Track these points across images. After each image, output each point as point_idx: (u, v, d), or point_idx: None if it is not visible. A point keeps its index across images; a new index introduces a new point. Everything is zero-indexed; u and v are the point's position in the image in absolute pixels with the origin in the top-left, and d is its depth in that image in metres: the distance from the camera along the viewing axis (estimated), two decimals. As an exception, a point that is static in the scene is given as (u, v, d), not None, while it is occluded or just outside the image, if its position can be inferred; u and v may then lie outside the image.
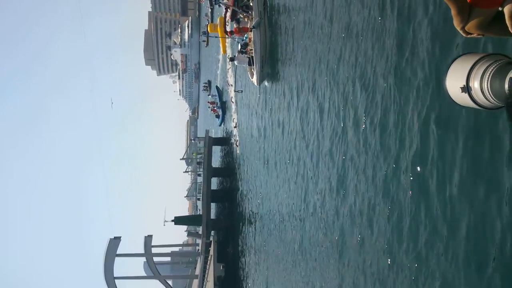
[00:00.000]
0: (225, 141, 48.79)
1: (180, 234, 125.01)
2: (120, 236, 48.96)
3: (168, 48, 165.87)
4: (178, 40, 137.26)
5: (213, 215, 48.84)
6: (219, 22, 28.84)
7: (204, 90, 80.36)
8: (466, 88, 1.85)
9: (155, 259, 53.03)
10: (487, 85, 1.78)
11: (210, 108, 56.25)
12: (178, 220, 48.38)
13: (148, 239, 50.50)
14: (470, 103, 1.89)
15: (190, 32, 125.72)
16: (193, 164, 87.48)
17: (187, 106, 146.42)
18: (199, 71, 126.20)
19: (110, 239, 48.58)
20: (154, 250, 52.56)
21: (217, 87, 54.25)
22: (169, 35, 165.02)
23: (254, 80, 24.12)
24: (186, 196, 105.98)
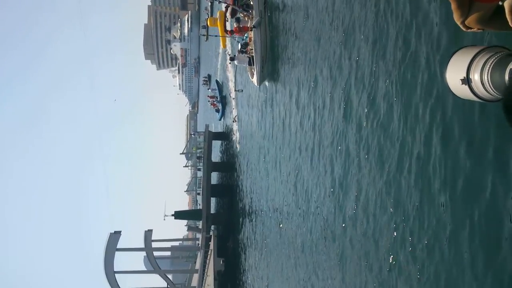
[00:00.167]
0: (225, 135, 48.71)
1: (180, 228, 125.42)
2: (120, 231, 49.16)
3: (168, 42, 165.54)
4: (177, 34, 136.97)
5: (213, 210, 48.92)
6: (219, 16, 28.63)
7: (204, 84, 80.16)
8: (466, 80, 1.85)
9: (155, 253, 53.28)
10: (487, 77, 1.77)
11: (210, 102, 56.09)
12: (178, 215, 48.57)
13: (148, 233, 50.69)
14: (470, 95, 1.89)
15: (189, 26, 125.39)
16: (193, 158, 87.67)
17: (187, 100, 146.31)
18: (198, 65, 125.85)
19: (110, 233, 48.77)
20: (154, 245, 52.80)
21: (217, 81, 54.03)
22: (168, 29, 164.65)
23: (255, 81, 23.79)
24: (186, 190, 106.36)
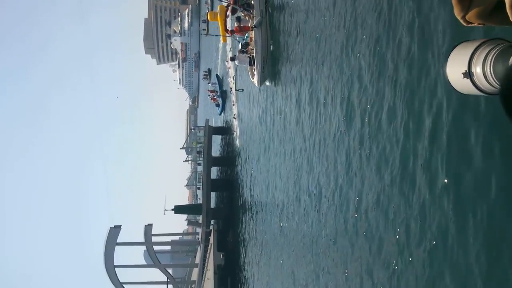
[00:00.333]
0: (225, 130, 48.67)
1: (180, 223, 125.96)
2: (120, 225, 49.15)
3: (168, 36, 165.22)
4: (178, 29, 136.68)
5: (213, 204, 48.96)
6: (219, 10, 28.45)
7: (204, 79, 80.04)
8: (468, 74, 1.82)
9: (155, 247, 53.35)
10: (489, 69, 1.75)
11: (210, 96, 56.01)
12: (178, 209, 48.64)
13: (148, 228, 50.72)
14: (472, 89, 1.86)
15: (190, 20, 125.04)
16: (193, 153, 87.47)
17: (187, 95, 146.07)
18: (199, 59, 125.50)
19: (111, 227, 48.79)
20: (154, 239, 52.82)
21: (217, 75, 53.90)
22: (169, 24, 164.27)
23: (255, 81, 23.50)
24: (186, 185, 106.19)
